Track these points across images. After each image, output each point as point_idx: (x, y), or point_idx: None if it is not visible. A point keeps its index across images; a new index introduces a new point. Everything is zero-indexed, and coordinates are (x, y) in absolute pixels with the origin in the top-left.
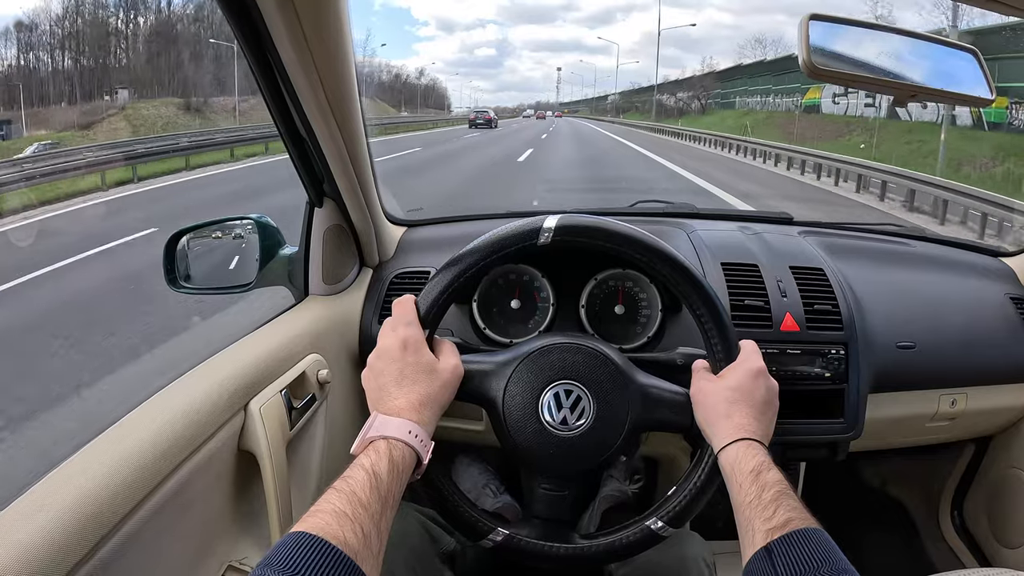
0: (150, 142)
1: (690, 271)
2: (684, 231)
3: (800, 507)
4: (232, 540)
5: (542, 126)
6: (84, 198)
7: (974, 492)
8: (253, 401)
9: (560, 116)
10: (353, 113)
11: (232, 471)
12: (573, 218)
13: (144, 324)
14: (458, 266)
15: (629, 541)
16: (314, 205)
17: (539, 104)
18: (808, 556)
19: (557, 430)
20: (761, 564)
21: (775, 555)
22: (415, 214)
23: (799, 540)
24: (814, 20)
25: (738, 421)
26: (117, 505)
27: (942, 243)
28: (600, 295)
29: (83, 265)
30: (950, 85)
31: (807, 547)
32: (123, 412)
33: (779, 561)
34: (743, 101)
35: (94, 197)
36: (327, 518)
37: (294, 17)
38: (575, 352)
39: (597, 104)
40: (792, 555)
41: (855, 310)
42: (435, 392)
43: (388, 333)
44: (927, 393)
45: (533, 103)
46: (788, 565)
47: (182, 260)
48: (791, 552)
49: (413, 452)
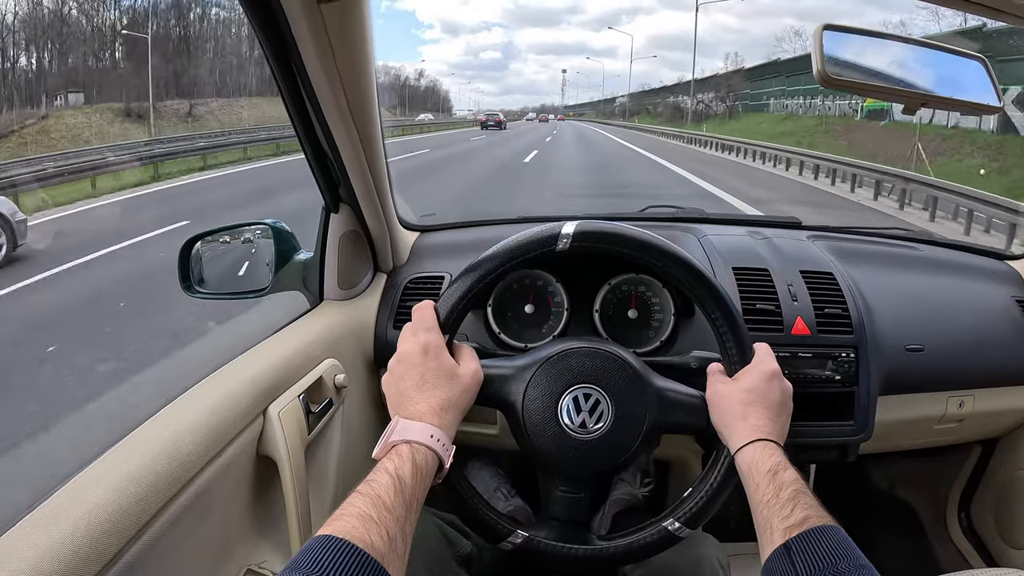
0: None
1: (705, 276)
2: (695, 236)
3: (817, 505)
4: (251, 544)
5: (545, 129)
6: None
7: (981, 494)
8: (272, 406)
9: (563, 119)
10: (373, 119)
11: (251, 476)
12: (591, 224)
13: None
14: (477, 272)
15: (647, 542)
16: (330, 211)
17: (543, 107)
18: (827, 552)
19: (576, 433)
20: (780, 562)
21: (794, 552)
22: (428, 219)
23: (817, 537)
24: (828, 30)
25: (754, 422)
26: (137, 513)
27: (949, 247)
28: (614, 300)
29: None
30: (958, 93)
31: (825, 544)
32: (143, 417)
33: (798, 558)
34: (780, 104)
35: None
36: (353, 521)
37: (320, 24)
38: (593, 356)
39: (604, 107)
40: (811, 552)
41: (864, 313)
42: (456, 396)
43: (408, 338)
44: (935, 395)
45: (537, 106)
46: (807, 562)
47: (196, 265)
48: (810, 549)
49: (435, 456)
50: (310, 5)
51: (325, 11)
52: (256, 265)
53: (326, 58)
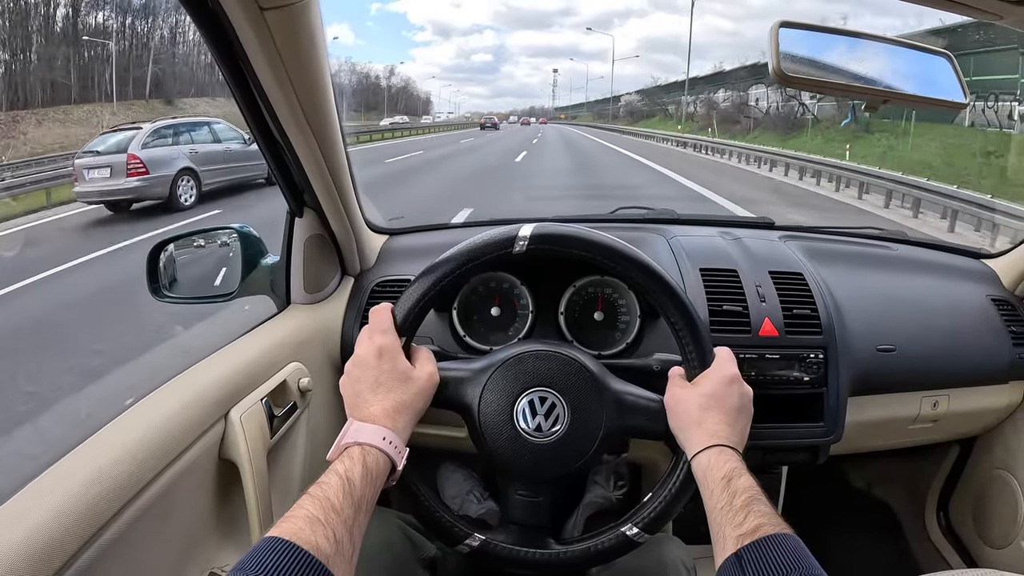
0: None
1: (663, 278)
2: (664, 237)
3: (771, 513)
4: (214, 547)
5: (528, 132)
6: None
7: (959, 493)
8: (234, 410)
9: (545, 123)
10: (330, 125)
11: (213, 479)
12: (548, 226)
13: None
14: (434, 274)
15: (604, 547)
16: (294, 215)
17: (533, 110)
18: (778, 561)
19: (532, 437)
20: (732, 571)
21: (745, 562)
22: (396, 222)
23: (769, 546)
24: (784, 27)
25: (711, 428)
26: (97, 514)
27: (923, 246)
28: (579, 302)
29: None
30: (923, 89)
31: (776, 552)
32: (105, 420)
33: (748, 568)
34: (823, 107)
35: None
36: (300, 523)
37: (266, 31)
38: (549, 359)
39: (601, 109)
40: (762, 561)
41: (834, 314)
42: (410, 399)
43: (365, 341)
44: (908, 396)
45: (527, 108)
46: (758, 571)
47: (165, 269)
48: (761, 558)
49: (387, 458)
50: (253, 13)
51: (269, 18)
52: (224, 269)
53: (275, 65)
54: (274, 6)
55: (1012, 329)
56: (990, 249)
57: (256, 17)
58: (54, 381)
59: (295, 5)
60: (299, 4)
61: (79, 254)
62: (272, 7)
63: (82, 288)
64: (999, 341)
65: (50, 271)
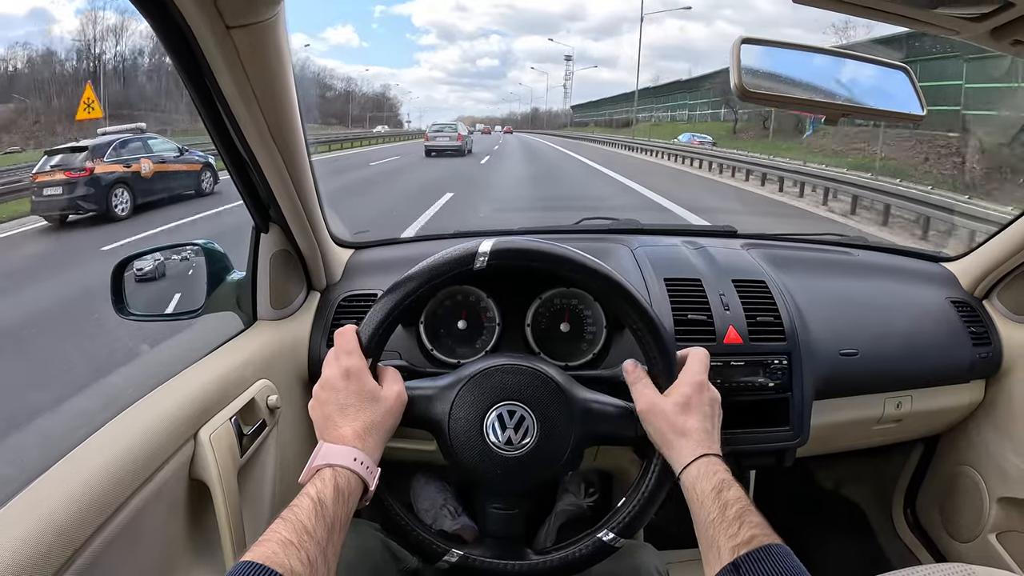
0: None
1: (624, 287)
2: (628, 247)
3: (763, 523)
4: (186, 569)
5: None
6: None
7: (925, 490)
8: (203, 430)
9: (509, 132)
10: (296, 142)
11: (184, 500)
12: (507, 241)
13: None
14: (397, 293)
15: (583, 554)
16: (260, 231)
17: (537, 113)
18: (774, 571)
19: (503, 450)
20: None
21: (742, 571)
22: (362, 236)
23: (765, 556)
24: (746, 43)
25: (695, 437)
26: (69, 539)
27: (884, 251)
28: (546, 313)
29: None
30: (881, 103)
31: (773, 562)
32: (74, 445)
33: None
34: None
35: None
36: (273, 547)
37: (232, 49)
38: (517, 373)
39: (612, 111)
40: (759, 570)
41: (797, 320)
42: (379, 419)
43: (331, 363)
44: (872, 398)
45: (530, 109)
46: None
47: (130, 287)
48: (758, 568)
49: (359, 479)
50: (219, 31)
51: (236, 36)
52: (189, 286)
53: (241, 82)
54: (240, 24)
55: (972, 330)
56: (949, 252)
57: (222, 35)
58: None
59: (261, 23)
60: (265, 22)
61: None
62: (238, 25)
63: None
64: (959, 342)
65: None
